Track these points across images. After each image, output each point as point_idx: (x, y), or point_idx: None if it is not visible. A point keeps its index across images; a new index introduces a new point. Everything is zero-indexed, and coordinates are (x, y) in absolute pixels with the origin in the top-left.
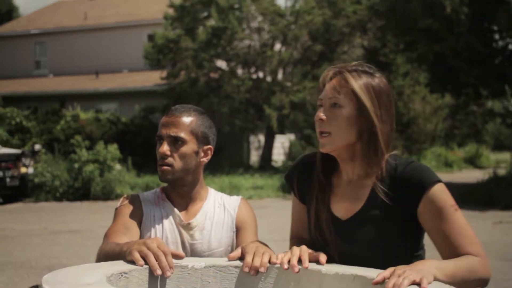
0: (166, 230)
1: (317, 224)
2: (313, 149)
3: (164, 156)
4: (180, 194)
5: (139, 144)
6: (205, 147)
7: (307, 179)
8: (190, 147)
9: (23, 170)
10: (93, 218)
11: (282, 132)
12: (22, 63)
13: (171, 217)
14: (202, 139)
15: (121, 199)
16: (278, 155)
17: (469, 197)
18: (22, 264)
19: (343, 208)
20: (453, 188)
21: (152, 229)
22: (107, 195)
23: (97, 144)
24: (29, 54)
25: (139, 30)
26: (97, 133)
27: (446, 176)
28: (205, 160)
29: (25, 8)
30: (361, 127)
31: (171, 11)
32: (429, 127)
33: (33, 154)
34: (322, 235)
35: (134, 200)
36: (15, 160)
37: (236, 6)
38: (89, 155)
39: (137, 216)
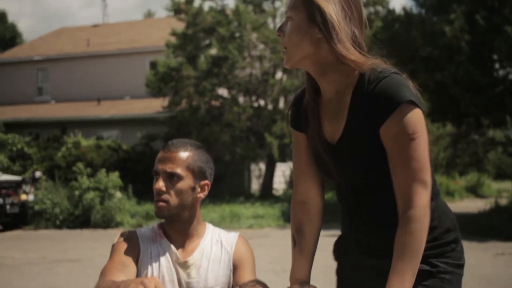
0: (163, 268)
1: (314, 151)
2: None
3: (160, 192)
4: (177, 230)
5: (140, 171)
6: (202, 183)
7: (301, 110)
8: (186, 183)
9: (23, 197)
10: (93, 247)
11: (283, 160)
12: (24, 89)
13: (168, 255)
14: (198, 174)
15: (118, 235)
16: (279, 183)
17: (470, 227)
18: None
19: (329, 130)
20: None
21: (149, 267)
22: (107, 223)
23: (98, 171)
24: (31, 80)
25: (141, 57)
26: (98, 160)
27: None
28: (202, 195)
29: (28, 34)
30: (313, 34)
31: (173, 39)
32: (430, 156)
33: (34, 181)
34: (321, 160)
35: (131, 237)
36: (16, 187)
37: (237, 34)
38: (90, 183)
39: (134, 253)
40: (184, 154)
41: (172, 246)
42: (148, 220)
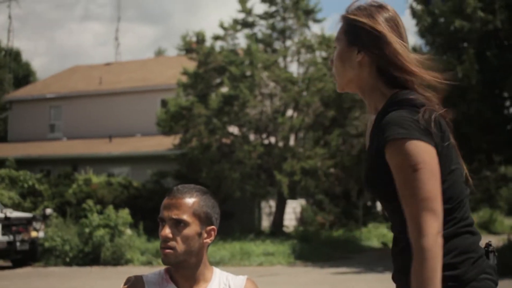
0: None
1: None
2: (324, 215)
3: (167, 239)
4: (183, 276)
5: (151, 208)
6: (208, 228)
7: None
8: (193, 229)
9: (33, 234)
10: (102, 284)
11: (293, 197)
12: (36, 127)
13: None
14: (205, 220)
15: (125, 281)
16: (290, 220)
17: None
18: None
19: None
20: None
21: None
22: (117, 260)
23: (107, 208)
24: (44, 117)
25: (153, 95)
26: (109, 197)
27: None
28: (209, 241)
29: (43, 73)
30: (353, 58)
31: (184, 78)
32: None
33: (44, 218)
34: None
35: (138, 283)
36: (26, 224)
37: (248, 73)
38: (100, 220)
39: None
40: (190, 200)
41: None
42: (158, 258)
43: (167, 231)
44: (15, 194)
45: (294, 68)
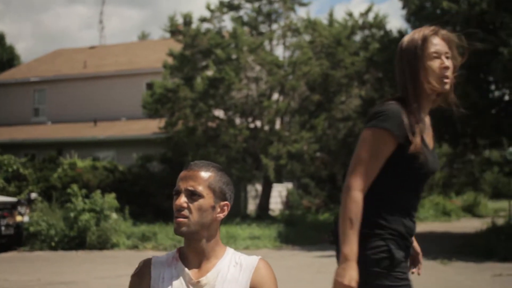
0: None
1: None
2: (310, 198)
3: (181, 208)
4: (194, 250)
5: (136, 193)
6: (222, 203)
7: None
8: (207, 201)
9: (18, 218)
10: (88, 269)
11: (279, 181)
12: (21, 110)
13: (181, 276)
14: (219, 195)
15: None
16: (276, 204)
17: (467, 248)
18: None
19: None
20: (451, 238)
21: None
22: (102, 244)
23: (93, 192)
24: (28, 101)
25: (138, 79)
26: (94, 181)
27: (444, 225)
28: (221, 216)
29: (28, 56)
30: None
31: (170, 60)
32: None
33: (29, 202)
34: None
35: (145, 266)
36: (11, 208)
37: (234, 56)
38: (85, 204)
39: (145, 282)
40: (206, 174)
41: (185, 268)
42: (144, 242)
43: (182, 200)
44: (0, 178)
45: (280, 52)
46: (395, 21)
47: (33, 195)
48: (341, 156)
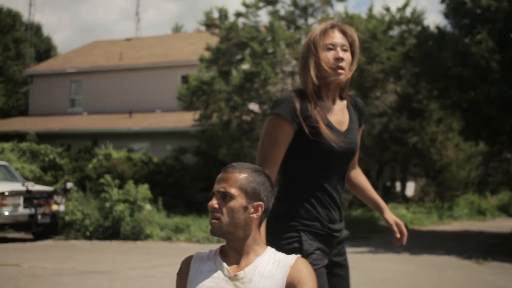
0: (211, 283)
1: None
2: (343, 194)
3: (213, 210)
4: (234, 248)
5: (170, 184)
6: (255, 203)
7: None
8: (238, 202)
9: (54, 207)
10: (122, 259)
11: None
12: (57, 101)
13: (219, 270)
14: (252, 195)
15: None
16: None
17: (503, 248)
18: None
19: (337, 122)
20: (486, 238)
21: (198, 284)
22: (136, 235)
23: (127, 183)
24: (64, 92)
25: (173, 71)
26: (129, 173)
27: (479, 224)
28: (255, 216)
29: (66, 47)
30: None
31: (206, 54)
32: (462, 174)
33: (65, 191)
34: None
35: (186, 263)
36: (47, 197)
37: (270, 50)
38: (119, 195)
39: (186, 277)
40: (239, 176)
41: (224, 263)
42: (177, 233)
43: (213, 202)
44: (36, 167)
45: None
46: (433, 17)
47: (69, 185)
48: (375, 152)
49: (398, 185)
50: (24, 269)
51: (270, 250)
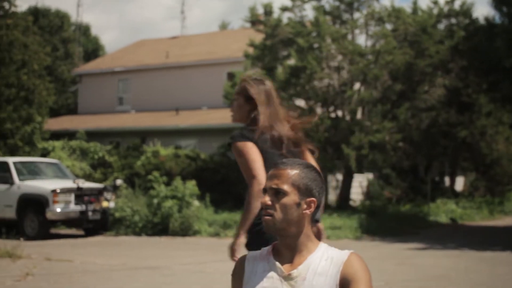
0: (266, 283)
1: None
2: (391, 189)
3: (266, 207)
4: (286, 245)
5: (217, 181)
6: (308, 199)
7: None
8: (291, 198)
9: (104, 204)
10: (171, 255)
11: (360, 171)
12: (105, 99)
13: (273, 270)
14: (304, 191)
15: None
16: (356, 194)
17: None
18: None
19: None
20: None
21: (254, 285)
22: (185, 231)
23: (174, 180)
24: (112, 90)
25: (219, 68)
26: (176, 169)
27: None
28: (308, 212)
29: (111, 47)
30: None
31: (251, 50)
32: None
33: (115, 188)
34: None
35: (240, 264)
36: (98, 194)
37: (316, 45)
38: (167, 191)
39: (240, 279)
40: (291, 172)
41: (277, 262)
42: (225, 229)
43: (266, 199)
44: (86, 165)
45: (362, 41)
46: (482, 9)
47: (118, 182)
48: (423, 147)
49: (447, 180)
50: (76, 265)
51: (323, 246)
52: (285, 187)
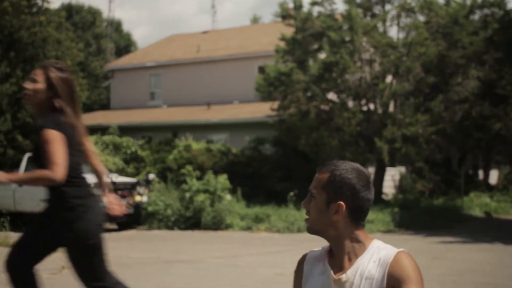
0: (321, 286)
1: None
2: (424, 182)
3: (304, 209)
4: (334, 247)
5: (249, 175)
6: (336, 203)
7: None
8: (319, 201)
9: (137, 198)
10: (204, 248)
11: (392, 164)
12: (137, 94)
13: (327, 273)
14: (333, 195)
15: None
16: (389, 188)
17: None
18: None
19: None
20: None
21: (310, 286)
22: (217, 225)
23: (206, 174)
24: (144, 85)
25: (250, 62)
26: (208, 164)
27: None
28: (336, 216)
29: (143, 42)
30: None
31: (282, 44)
32: None
33: (147, 183)
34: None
35: (300, 263)
36: (131, 188)
37: (348, 39)
38: (199, 185)
39: (300, 277)
40: (323, 176)
41: (328, 266)
42: (257, 223)
43: (304, 201)
44: (119, 159)
45: (393, 33)
46: None
47: (151, 176)
48: (457, 140)
49: (480, 173)
50: (111, 258)
51: (374, 246)
52: (315, 190)
